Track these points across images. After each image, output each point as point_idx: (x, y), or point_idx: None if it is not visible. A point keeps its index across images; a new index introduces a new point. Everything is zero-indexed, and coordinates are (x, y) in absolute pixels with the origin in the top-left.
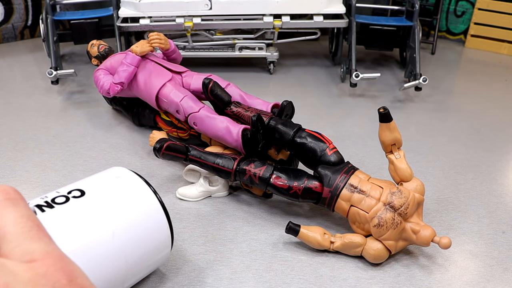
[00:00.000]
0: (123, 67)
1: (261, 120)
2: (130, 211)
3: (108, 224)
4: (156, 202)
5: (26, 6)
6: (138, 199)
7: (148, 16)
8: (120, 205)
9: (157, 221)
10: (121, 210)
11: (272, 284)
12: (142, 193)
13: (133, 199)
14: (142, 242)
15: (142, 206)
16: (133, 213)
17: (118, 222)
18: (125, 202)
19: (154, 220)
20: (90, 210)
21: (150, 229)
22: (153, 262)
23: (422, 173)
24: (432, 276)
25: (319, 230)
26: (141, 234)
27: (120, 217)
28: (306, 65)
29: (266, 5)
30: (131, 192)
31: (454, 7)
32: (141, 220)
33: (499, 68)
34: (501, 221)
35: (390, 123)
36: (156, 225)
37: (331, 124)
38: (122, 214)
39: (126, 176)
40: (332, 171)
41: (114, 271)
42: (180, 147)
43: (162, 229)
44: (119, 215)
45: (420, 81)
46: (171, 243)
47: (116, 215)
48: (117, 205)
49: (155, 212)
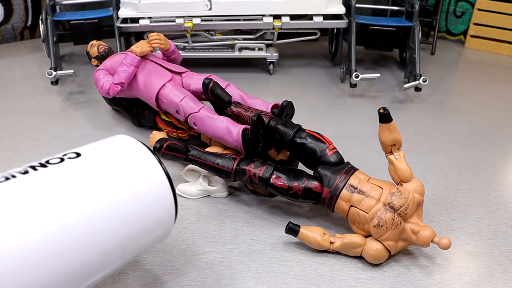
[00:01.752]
0: (123, 68)
1: (261, 120)
2: (132, 175)
3: (107, 187)
4: (159, 169)
5: (26, 7)
6: (140, 165)
7: (148, 17)
8: (121, 169)
9: (161, 188)
10: (122, 173)
11: (272, 285)
12: (145, 159)
13: (135, 164)
14: (143, 209)
15: (145, 172)
16: (135, 178)
17: (117, 185)
18: (127, 166)
19: (158, 188)
20: (89, 171)
21: (153, 197)
22: (155, 230)
23: (422, 173)
24: (432, 277)
25: (319, 230)
26: (143, 200)
27: (120, 180)
28: (306, 66)
29: (266, 6)
30: (134, 157)
31: (453, 7)
32: (143, 186)
33: (499, 68)
34: (501, 221)
35: (390, 123)
36: (159, 192)
37: (331, 125)
38: (123, 177)
39: (131, 143)
40: (332, 172)
41: (113, 236)
42: (180, 147)
43: (166, 198)
44: (119, 178)
45: (420, 82)
46: (175, 214)
47: (116, 178)
48: (117, 168)
49: (159, 179)
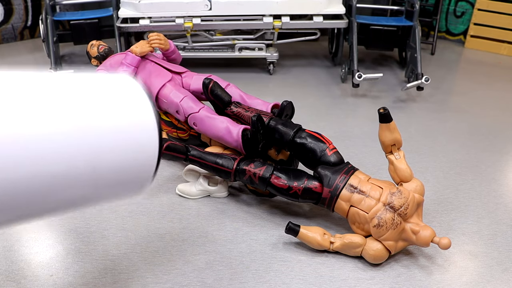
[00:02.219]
0: (123, 68)
1: (261, 120)
2: (115, 105)
3: (87, 103)
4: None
5: (26, 7)
6: (129, 98)
7: (148, 17)
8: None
9: (146, 131)
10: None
11: (271, 285)
12: (136, 95)
13: (123, 96)
14: (122, 143)
15: (133, 107)
16: (120, 109)
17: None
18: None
19: (143, 129)
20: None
21: (135, 138)
22: (130, 178)
23: (422, 173)
24: (432, 277)
25: (319, 230)
26: (123, 134)
27: (104, 103)
28: (306, 66)
29: (266, 6)
30: (124, 91)
31: (453, 7)
32: (127, 122)
33: (499, 68)
34: (501, 221)
35: (390, 123)
36: (144, 135)
37: (331, 125)
38: (105, 104)
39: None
40: (332, 172)
41: (83, 161)
42: (180, 147)
43: (150, 144)
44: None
45: (422, 81)
46: (155, 166)
47: (98, 101)
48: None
49: (147, 120)
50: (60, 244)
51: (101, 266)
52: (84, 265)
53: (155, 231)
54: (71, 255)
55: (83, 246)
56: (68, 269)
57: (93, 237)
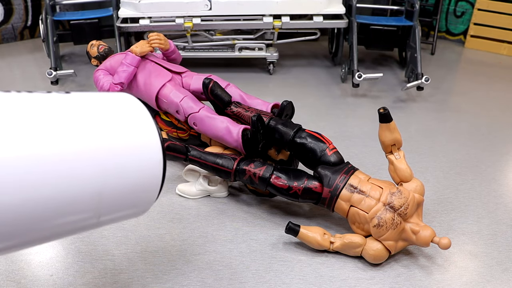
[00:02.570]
0: (123, 68)
1: (261, 120)
2: (120, 127)
3: (92, 126)
4: (155, 133)
5: (26, 7)
6: (134, 121)
7: (148, 17)
8: (112, 118)
9: (151, 153)
10: (112, 122)
11: (271, 284)
12: (140, 117)
13: (128, 118)
14: (127, 167)
15: (137, 129)
16: (124, 131)
17: (104, 130)
18: (120, 117)
19: (148, 151)
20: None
21: (141, 159)
22: (135, 198)
23: (422, 173)
24: (432, 277)
25: (319, 230)
26: (129, 158)
27: (109, 126)
28: (306, 66)
29: (266, 6)
30: (129, 113)
31: (453, 7)
32: (132, 144)
33: (499, 68)
34: (501, 221)
35: (390, 123)
36: (148, 156)
37: (331, 125)
38: (112, 125)
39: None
40: (332, 172)
41: (87, 185)
42: (180, 147)
43: (155, 165)
44: (108, 124)
45: (422, 81)
46: (160, 186)
47: (105, 122)
48: (108, 116)
49: (152, 142)
50: (60, 244)
51: (101, 266)
52: (84, 265)
53: (155, 231)
54: (71, 255)
55: (83, 246)
56: (68, 269)
57: (93, 237)
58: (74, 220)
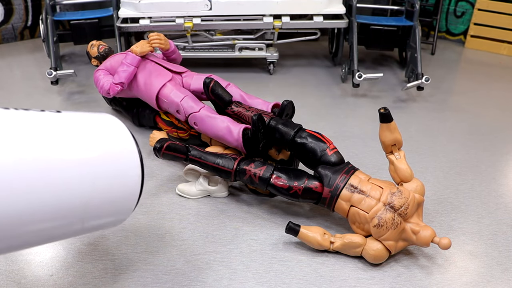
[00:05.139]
0: (123, 67)
1: (262, 120)
2: (104, 143)
3: (78, 143)
4: (133, 146)
5: (26, 7)
6: (115, 137)
7: (148, 17)
8: (93, 132)
9: (130, 167)
10: (95, 139)
11: (272, 284)
12: (121, 134)
13: (110, 136)
14: (108, 179)
15: (118, 144)
16: (107, 147)
17: (88, 149)
18: (101, 135)
19: (127, 162)
20: (66, 125)
21: (121, 169)
22: (115, 207)
23: (422, 173)
24: (432, 277)
25: (319, 230)
26: (109, 170)
27: (91, 142)
28: (306, 66)
29: (266, 6)
30: (110, 131)
31: (454, 7)
32: (114, 157)
33: (499, 68)
34: (501, 221)
35: (390, 123)
36: (127, 168)
37: (331, 124)
38: (95, 144)
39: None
40: (332, 171)
41: (75, 197)
42: (180, 147)
43: (133, 177)
44: (91, 141)
45: (422, 81)
46: (138, 195)
47: (88, 139)
48: (92, 134)
49: (131, 158)
50: (60, 244)
51: (101, 266)
52: (84, 265)
53: (155, 231)
54: (71, 255)
55: (83, 246)
56: (68, 269)
57: (93, 237)
58: (59, 225)
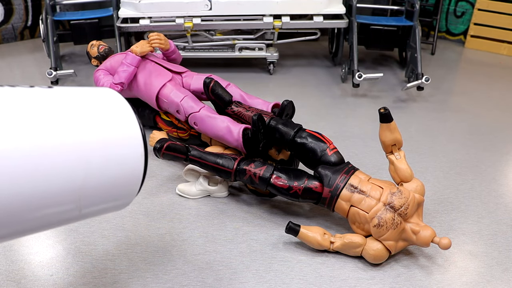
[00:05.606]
0: (123, 68)
1: (262, 120)
2: (102, 120)
3: (74, 121)
4: (135, 124)
5: (26, 7)
6: (115, 114)
7: (148, 17)
8: (93, 112)
9: (133, 146)
10: (92, 115)
11: (272, 284)
12: (122, 111)
13: (109, 112)
14: (107, 161)
15: (118, 122)
16: (106, 124)
17: (84, 127)
18: (99, 111)
19: (129, 142)
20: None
21: (122, 152)
22: (117, 192)
23: (422, 173)
24: (432, 277)
25: (319, 230)
26: (109, 151)
27: (88, 122)
28: (306, 66)
29: (266, 6)
30: (110, 107)
31: (454, 7)
32: (114, 137)
33: (499, 68)
34: (501, 221)
35: (390, 123)
36: (130, 148)
37: (331, 124)
38: (92, 121)
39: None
40: (332, 171)
41: (69, 179)
42: (180, 147)
43: (136, 158)
44: (90, 120)
45: (422, 81)
46: (141, 180)
47: (87, 118)
48: (90, 110)
49: (133, 136)
50: (60, 244)
51: (101, 266)
52: (84, 265)
53: (155, 231)
54: (71, 255)
55: (83, 246)
56: (68, 269)
57: (93, 237)
58: (56, 212)
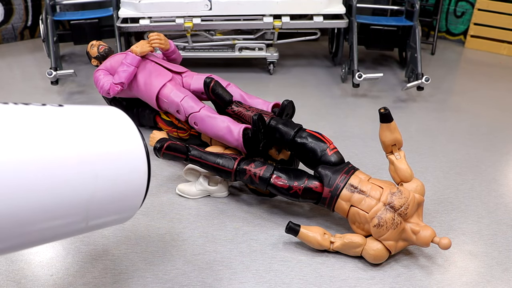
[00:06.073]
0: (123, 68)
1: (262, 120)
2: (109, 138)
3: (82, 139)
4: (140, 142)
5: (26, 7)
6: (121, 132)
7: (148, 17)
8: (99, 129)
9: (137, 160)
10: (100, 134)
11: (272, 284)
12: (127, 129)
13: (116, 130)
14: (114, 176)
15: (124, 140)
16: (112, 142)
17: (93, 141)
18: (106, 128)
19: (134, 159)
20: (68, 120)
21: (127, 167)
22: (121, 205)
23: (422, 173)
24: (432, 277)
25: (319, 230)
26: (115, 167)
27: (96, 137)
28: (306, 66)
29: (266, 6)
30: (116, 125)
31: (454, 7)
32: (120, 154)
33: (499, 68)
34: (501, 221)
35: (390, 123)
36: (134, 164)
37: (331, 124)
38: (100, 139)
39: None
40: (332, 171)
41: (80, 191)
42: (180, 147)
43: (140, 174)
44: (96, 135)
45: (422, 81)
46: (145, 192)
47: (93, 134)
48: (97, 128)
49: (137, 150)
50: (60, 244)
51: (101, 266)
52: (84, 265)
53: (155, 231)
54: (71, 255)
55: (83, 246)
56: (68, 269)
57: (93, 237)
58: (65, 223)
